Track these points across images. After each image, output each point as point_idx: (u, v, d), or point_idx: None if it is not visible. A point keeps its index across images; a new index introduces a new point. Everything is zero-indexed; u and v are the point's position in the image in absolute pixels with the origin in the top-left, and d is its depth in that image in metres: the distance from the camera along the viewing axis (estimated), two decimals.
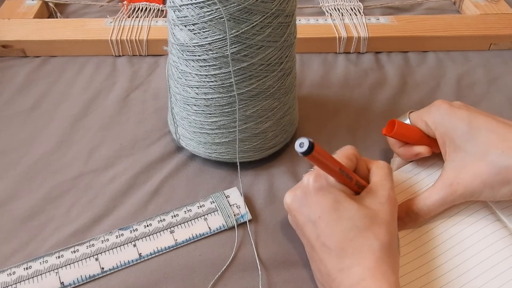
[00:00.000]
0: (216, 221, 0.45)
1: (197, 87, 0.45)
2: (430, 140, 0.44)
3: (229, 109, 0.45)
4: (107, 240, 0.43)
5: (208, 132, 0.47)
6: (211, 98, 0.45)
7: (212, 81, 0.44)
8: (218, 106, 0.45)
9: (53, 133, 0.54)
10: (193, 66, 0.44)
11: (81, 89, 0.61)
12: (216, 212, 0.45)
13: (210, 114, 0.46)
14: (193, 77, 0.44)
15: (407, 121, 0.45)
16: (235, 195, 0.47)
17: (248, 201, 0.47)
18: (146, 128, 0.55)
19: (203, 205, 0.46)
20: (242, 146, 0.48)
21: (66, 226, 0.45)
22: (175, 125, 0.50)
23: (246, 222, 0.45)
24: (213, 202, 0.46)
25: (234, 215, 0.45)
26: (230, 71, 0.43)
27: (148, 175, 0.50)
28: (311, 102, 0.59)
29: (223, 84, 0.44)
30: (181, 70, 0.45)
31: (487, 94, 0.60)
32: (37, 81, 0.62)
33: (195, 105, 0.46)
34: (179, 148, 0.52)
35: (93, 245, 0.43)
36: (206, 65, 0.43)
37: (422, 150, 0.44)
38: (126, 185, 0.49)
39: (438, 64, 0.65)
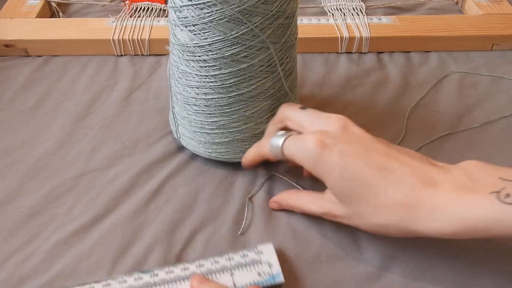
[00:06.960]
0: (243, 278, 0.40)
1: (197, 87, 0.45)
2: None
3: (229, 110, 0.45)
4: (125, 281, 0.39)
5: (208, 132, 0.47)
6: (211, 98, 0.45)
7: (212, 82, 0.44)
8: (218, 106, 0.45)
9: (55, 132, 0.55)
10: (193, 67, 0.44)
11: (83, 88, 0.61)
12: (245, 268, 0.40)
13: (210, 114, 0.46)
14: (193, 77, 0.45)
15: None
16: (269, 251, 0.42)
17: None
18: (148, 127, 0.55)
19: (233, 258, 0.41)
20: (243, 146, 0.48)
21: (68, 225, 0.45)
22: (176, 124, 0.50)
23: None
24: (244, 256, 0.41)
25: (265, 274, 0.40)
26: (230, 72, 0.43)
27: (150, 174, 0.50)
28: (312, 102, 0.59)
29: (223, 84, 0.44)
30: (182, 70, 0.45)
31: (489, 94, 0.60)
32: (39, 80, 0.62)
33: (195, 105, 0.46)
34: (180, 148, 0.53)
35: (109, 284, 0.39)
36: (206, 66, 0.43)
37: None
38: (128, 184, 0.49)
39: (440, 64, 0.65)
